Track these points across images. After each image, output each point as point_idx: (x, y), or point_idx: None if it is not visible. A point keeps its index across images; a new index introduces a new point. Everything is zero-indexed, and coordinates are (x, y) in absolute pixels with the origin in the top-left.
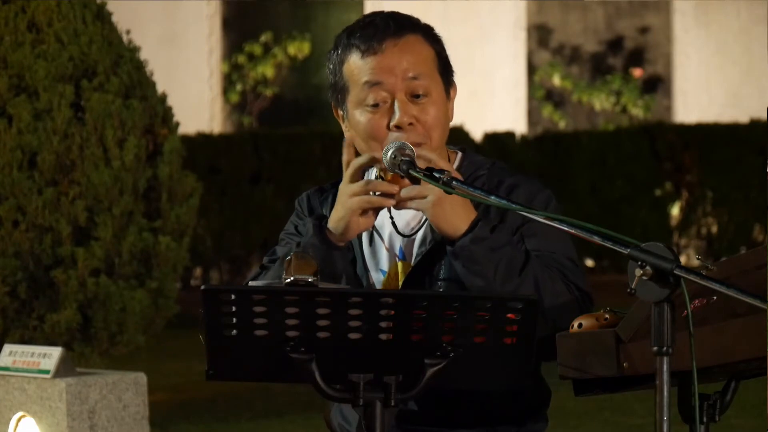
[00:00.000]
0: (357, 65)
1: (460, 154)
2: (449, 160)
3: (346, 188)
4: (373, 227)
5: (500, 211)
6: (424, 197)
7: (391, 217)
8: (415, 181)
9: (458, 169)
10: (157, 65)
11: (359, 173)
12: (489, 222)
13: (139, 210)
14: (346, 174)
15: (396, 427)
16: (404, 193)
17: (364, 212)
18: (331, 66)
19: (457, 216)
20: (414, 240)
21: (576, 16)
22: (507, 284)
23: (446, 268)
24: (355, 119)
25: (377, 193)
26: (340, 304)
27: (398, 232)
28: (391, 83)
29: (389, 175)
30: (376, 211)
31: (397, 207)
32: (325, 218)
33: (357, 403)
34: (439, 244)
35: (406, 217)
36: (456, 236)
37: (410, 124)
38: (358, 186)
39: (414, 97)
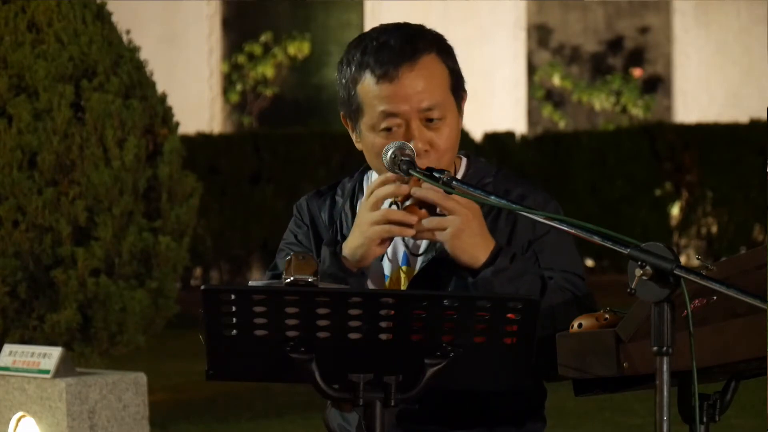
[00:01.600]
0: (371, 90)
1: (464, 160)
2: (454, 167)
3: (366, 216)
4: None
5: (509, 222)
6: (444, 229)
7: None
8: (425, 210)
9: (464, 176)
10: (157, 65)
11: (380, 203)
12: (509, 250)
13: (139, 210)
14: (367, 202)
15: (395, 426)
16: (425, 223)
17: (381, 241)
18: (343, 81)
19: (476, 246)
20: (418, 246)
21: (576, 16)
22: None
23: (454, 282)
24: (369, 141)
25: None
26: (340, 304)
27: (411, 252)
28: (405, 111)
29: (406, 203)
30: (391, 238)
31: (416, 237)
32: (339, 244)
33: (357, 403)
34: (442, 253)
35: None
36: (475, 267)
37: (425, 150)
38: (378, 215)
39: (428, 120)
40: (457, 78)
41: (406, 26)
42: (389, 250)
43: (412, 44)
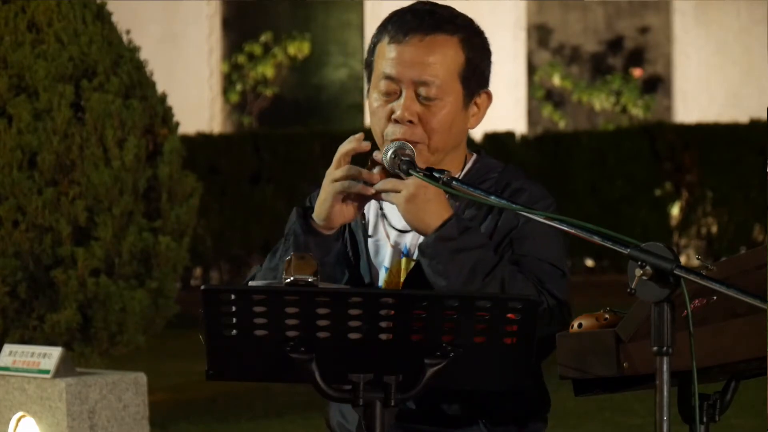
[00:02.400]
0: (383, 50)
1: (474, 156)
2: (464, 161)
3: (329, 173)
4: (383, 224)
5: (499, 211)
6: (398, 191)
7: (381, 209)
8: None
9: (469, 170)
10: (157, 65)
11: (346, 159)
12: (463, 222)
13: (139, 210)
14: (334, 159)
15: (395, 426)
16: (379, 185)
17: (345, 200)
18: (371, 41)
19: (429, 214)
20: (420, 237)
21: (576, 16)
22: (469, 286)
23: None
24: (370, 100)
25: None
26: (340, 304)
27: (391, 226)
28: (401, 77)
29: (374, 171)
30: (361, 202)
31: (376, 198)
32: (311, 208)
33: (357, 403)
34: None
35: (397, 211)
36: (426, 233)
37: (410, 121)
38: (340, 171)
39: (424, 97)
40: (473, 72)
41: (446, 8)
42: (392, 238)
43: (435, 20)
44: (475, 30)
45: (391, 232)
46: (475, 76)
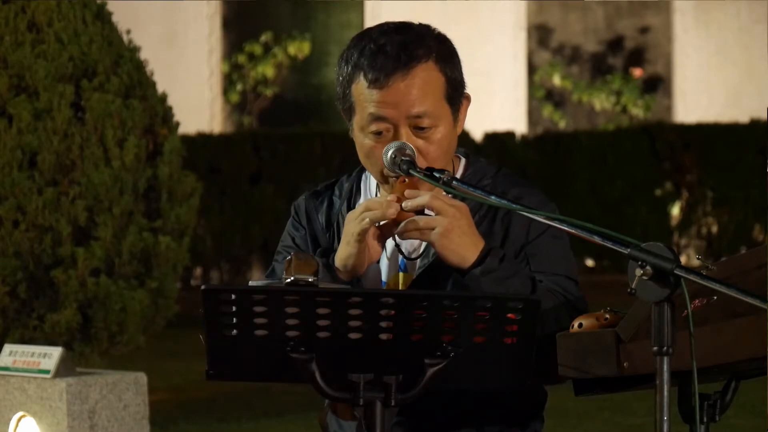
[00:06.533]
0: (363, 92)
1: (463, 160)
2: (453, 167)
3: (351, 227)
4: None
5: (503, 227)
6: (432, 229)
7: (397, 244)
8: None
9: (462, 177)
10: (157, 65)
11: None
12: (499, 251)
13: (139, 210)
14: (356, 215)
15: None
16: (413, 223)
17: (369, 244)
18: (340, 78)
19: (465, 247)
20: (413, 250)
21: (576, 16)
22: None
23: (450, 284)
24: (359, 140)
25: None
26: (340, 304)
27: (405, 257)
28: (394, 117)
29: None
30: (382, 241)
31: (403, 237)
32: (331, 253)
33: (357, 403)
34: (439, 258)
35: (411, 240)
36: (464, 267)
37: None
38: (363, 224)
39: (420, 129)
40: (454, 86)
41: (408, 29)
42: (389, 251)
43: (409, 52)
44: (440, 38)
45: (388, 248)
46: (456, 90)
